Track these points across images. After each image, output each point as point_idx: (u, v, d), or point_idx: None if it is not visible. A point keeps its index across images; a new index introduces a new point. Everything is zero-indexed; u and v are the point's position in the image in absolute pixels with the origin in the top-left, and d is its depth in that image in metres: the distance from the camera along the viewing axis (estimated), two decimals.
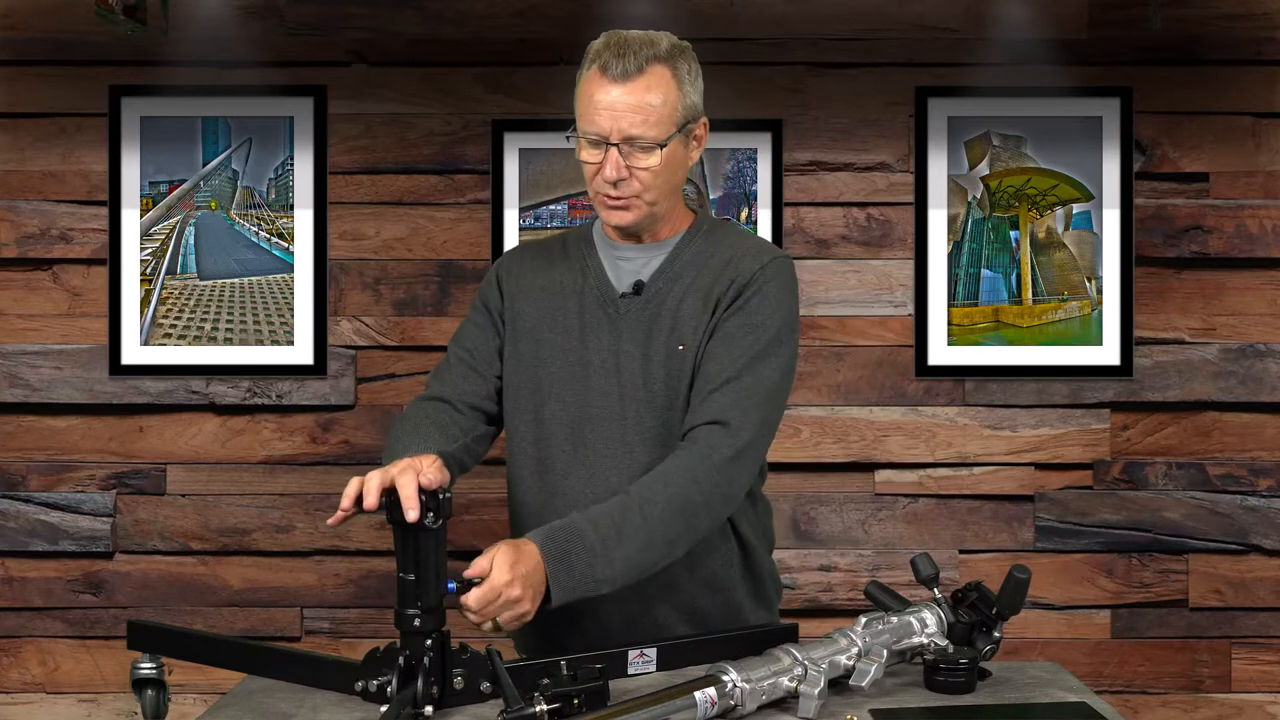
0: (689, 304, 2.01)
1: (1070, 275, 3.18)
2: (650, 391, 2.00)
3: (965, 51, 3.18)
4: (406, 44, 3.19)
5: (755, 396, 1.96)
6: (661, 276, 2.05)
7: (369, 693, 1.73)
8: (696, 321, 2.00)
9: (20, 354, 3.19)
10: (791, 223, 3.19)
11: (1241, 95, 3.17)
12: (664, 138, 1.95)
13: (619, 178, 1.95)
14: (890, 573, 3.13)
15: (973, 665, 1.83)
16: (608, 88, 1.94)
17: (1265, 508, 3.18)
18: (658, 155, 1.95)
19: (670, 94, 1.96)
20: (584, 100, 1.97)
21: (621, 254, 2.08)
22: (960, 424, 3.19)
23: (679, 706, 1.60)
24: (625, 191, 1.97)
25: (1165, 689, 3.18)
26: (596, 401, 2.01)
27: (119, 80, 3.16)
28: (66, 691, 3.19)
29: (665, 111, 1.95)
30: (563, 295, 2.07)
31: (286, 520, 3.19)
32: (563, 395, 2.03)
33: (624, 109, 1.93)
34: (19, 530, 3.18)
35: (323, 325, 3.17)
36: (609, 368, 2.02)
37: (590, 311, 2.05)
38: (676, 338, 2.00)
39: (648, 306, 2.03)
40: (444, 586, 1.72)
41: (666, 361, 2.00)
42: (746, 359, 1.96)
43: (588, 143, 1.97)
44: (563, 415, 2.03)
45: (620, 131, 1.94)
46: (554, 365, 2.04)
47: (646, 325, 2.02)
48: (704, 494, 1.90)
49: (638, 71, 1.94)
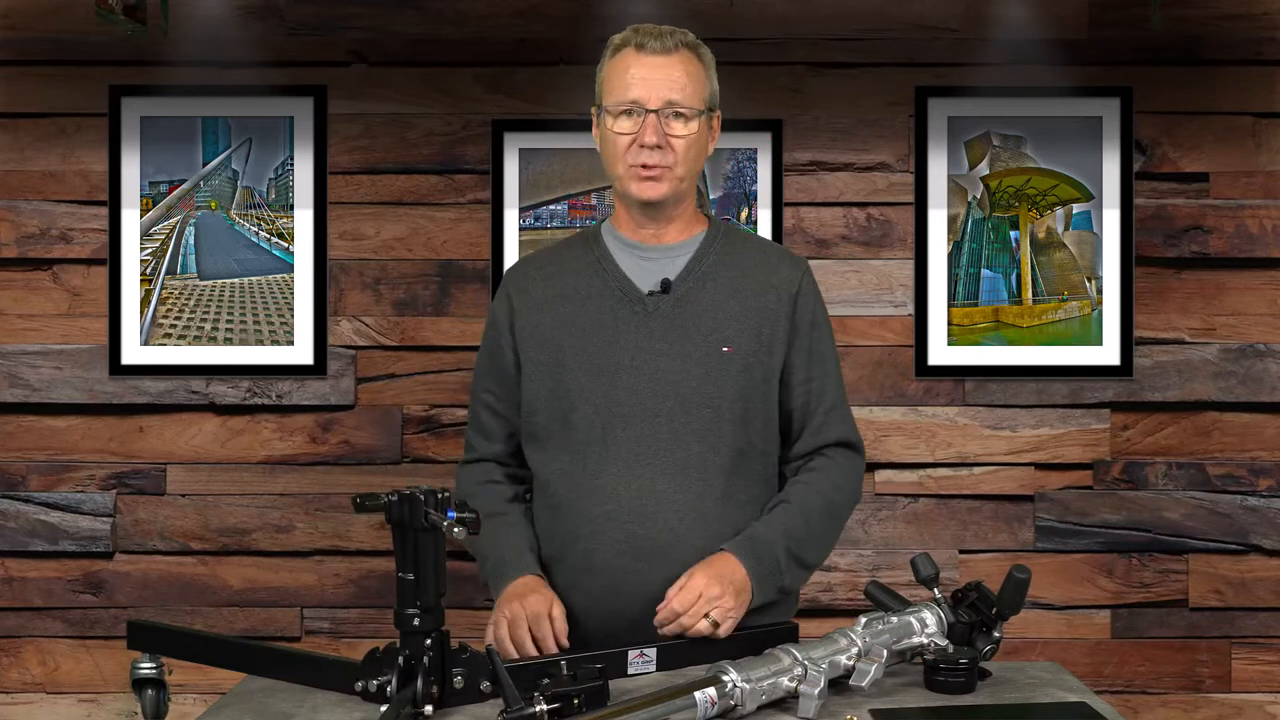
0: (729, 307, 2.05)
1: (1070, 275, 3.18)
2: (687, 389, 2.02)
3: (965, 51, 3.18)
4: (406, 44, 3.19)
5: (850, 410, 2.18)
6: (690, 275, 2.07)
7: (369, 693, 1.73)
8: (742, 327, 2.05)
9: (20, 354, 3.19)
10: (791, 223, 3.19)
11: (1241, 95, 3.17)
12: (700, 107, 2.03)
13: (657, 142, 2.00)
14: (890, 573, 3.13)
15: (973, 665, 1.83)
16: (645, 60, 2.01)
17: (1265, 508, 3.18)
18: (694, 124, 2.03)
19: (700, 75, 2.05)
20: (616, 75, 2.03)
21: (642, 252, 2.09)
22: (960, 424, 3.18)
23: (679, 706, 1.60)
24: (661, 161, 2.02)
25: (1165, 689, 3.18)
26: (626, 400, 2.02)
27: (119, 80, 3.16)
28: (66, 691, 3.19)
29: (696, 88, 2.04)
30: (580, 299, 2.08)
31: (286, 520, 3.19)
32: (591, 397, 2.03)
33: (662, 79, 2.01)
34: (19, 530, 3.18)
35: (323, 325, 3.17)
36: (638, 366, 2.03)
37: (614, 312, 2.06)
38: (718, 338, 2.04)
39: (679, 305, 2.05)
40: (444, 586, 1.72)
41: (706, 360, 2.03)
42: (837, 376, 2.16)
43: (622, 114, 2.02)
44: (593, 416, 2.03)
45: (660, 98, 2.00)
46: (579, 369, 2.04)
47: (680, 323, 2.04)
48: (848, 502, 2.14)
49: (675, 48, 2.04)
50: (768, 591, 2.00)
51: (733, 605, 1.94)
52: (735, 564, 1.96)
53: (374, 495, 1.72)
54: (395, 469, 3.18)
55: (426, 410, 3.18)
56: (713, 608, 1.92)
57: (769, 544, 2.00)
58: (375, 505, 1.71)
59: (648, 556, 1.99)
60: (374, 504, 1.71)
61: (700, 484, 2.02)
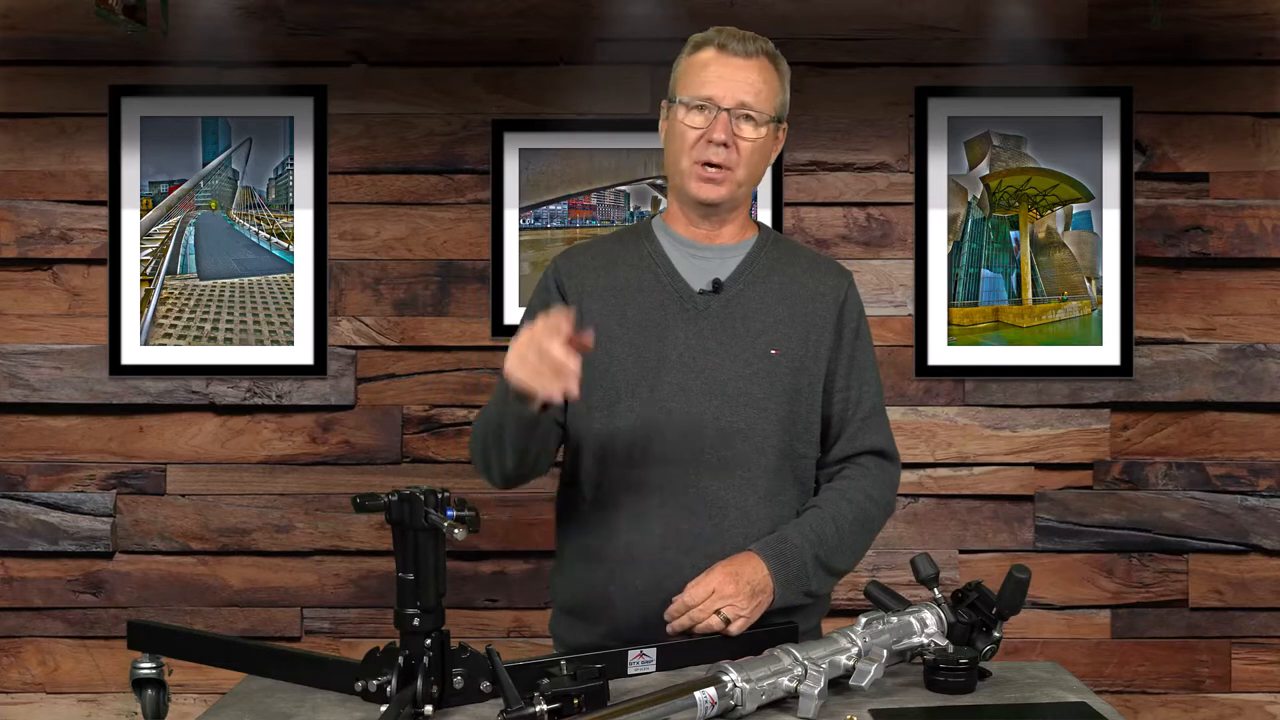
0: (778, 311, 2.07)
1: (1070, 275, 3.18)
2: (734, 388, 2.03)
3: (965, 51, 3.18)
4: (406, 44, 3.19)
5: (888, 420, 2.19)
6: (741, 277, 2.09)
7: (369, 693, 1.73)
8: (790, 332, 2.07)
9: (20, 354, 3.19)
10: (791, 223, 3.19)
11: (1241, 95, 3.17)
12: (771, 114, 2.06)
13: (725, 140, 2.02)
14: (890, 573, 3.13)
15: (973, 665, 1.83)
16: (726, 59, 2.04)
17: (1265, 508, 3.18)
18: (764, 130, 2.05)
19: (775, 84, 2.08)
20: (694, 71, 2.05)
21: (695, 251, 2.10)
22: (960, 424, 3.18)
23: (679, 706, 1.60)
24: (726, 161, 2.03)
25: (1165, 689, 3.18)
26: (673, 396, 2.02)
27: (119, 80, 3.16)
28: (66, 691, 3.19)
29: (770, 95, 2.07)
30: (631, 293, 2.08)
31: (286, 520, 3.19)
32: (637, 390, 2.03)
33: (741, 79, 2.03)
34: (19, 530, 3.18)
35: (323, 325, 3.17)
36: (686, 363, 2.03)
37: (665, 308, 2.06)
38: (766, 341, 2.05)
39: (729, 305, 2.06)
40: (444, 586, 1.72)
41: (754, 362, 2.04)
42: (876, 386, 2.16)
43: (695, 109, 2.03)
44: (638, 409, 2.03)
45: (735, 98, 2.02)
46: (627, 362, 2.04)
47: (729, 324, 2.05)
48: (880, 511, 2.13)
49: (758, 54, 2.07)
50: (791, 595, 1.99)
51: (746, 605, 1.93)
52: (758, 564, 1.96)
53: (374, 495, 1.72)
54: (395, 469, 3.18)
55: (426, 410, 3.18)
56: (725, 605, 1.92)
57: (798, 548, 2.00)
58: (375, 505, 1.71)
59: (689, 551, 1.99)
60: (374, 504, 1.71)
61: (744, 482, 2.03)
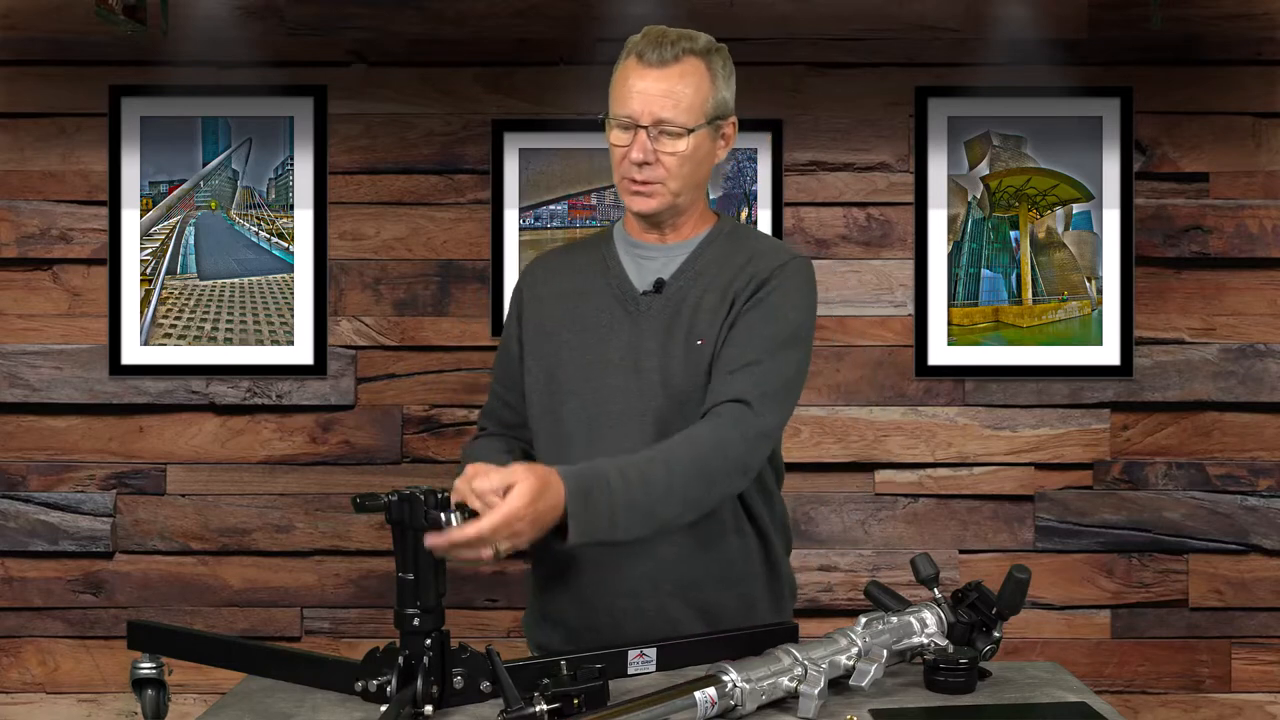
0: (708, 300, 2.03)
1: (1070, 275, 3.18)
2: (670, 387, 2.01)
3: (965, 51, 3.18)
4: (406, 44, 3.19)
5: (775, 382, 1.97)
6: (683, 275, 2.06)
7: (369, 693, 1.73)
8: (714, 316, 2.01)
9: (20, 354, 3.19)
10: (791, 223, 3.19)
11: (1241, 95, 3.17)
12: (692, 125, 1.99)
13: (644, 160, 1.99)
14: (890, 573, 3.13)
15: (973, 665, 1.83)
16: (643, 72, 1.99)
17: (1265, 508, 3.18)
18: (685, 142, 1.99)
19: (702, 85, 2.01)
20: (618, 85, 2.02)
21: (644, 252, 2.09)
22: (960, 424, 3.18)
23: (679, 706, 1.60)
24: (650, 176, 2.00)
25: (1165, 689, 3.18)
26: (615, 398, 2.02)
27: (119, 80, 3.16)
28: (66, 691, 3.19)
29: (696, 101, 2.00)
30: (581, 297, 2.09)
31: (286, 520, 3.19)
32: (580, 392, 2.04)
33: (656, 93, 1.98)
34: (19, 530, 3.18)
35: (323, 325, 3.17)
36: (628, 365, 2.03)
37: (611, 310, 2.06)
38: (695, 333, 2.02)
39: (668, 304, 2.05)
40: (444, 586, 1.72)
41: (685, 357, 2.02)
42: (767, 346, 1.97)
43: (618, 126, 2.01)
44: (581, 413, 2.03)
45: (650, 114, 1.98)
46: (571, 365, 2.05)
47: (666, 322, 2.04)
48: (727, 462, 1.92)
49: (674, 60, 1.99)
50: (585, 536, 1.80)
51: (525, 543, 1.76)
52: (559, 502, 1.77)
53: (374, 495, 1.72)
54: (395, 469, 3.18)
55: (426, 410, 3.18)
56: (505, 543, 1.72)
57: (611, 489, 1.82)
58: (375, 505, 1.71)
59: (627, 555, 1.99)
60: (374, 504, 1.71)
61: None
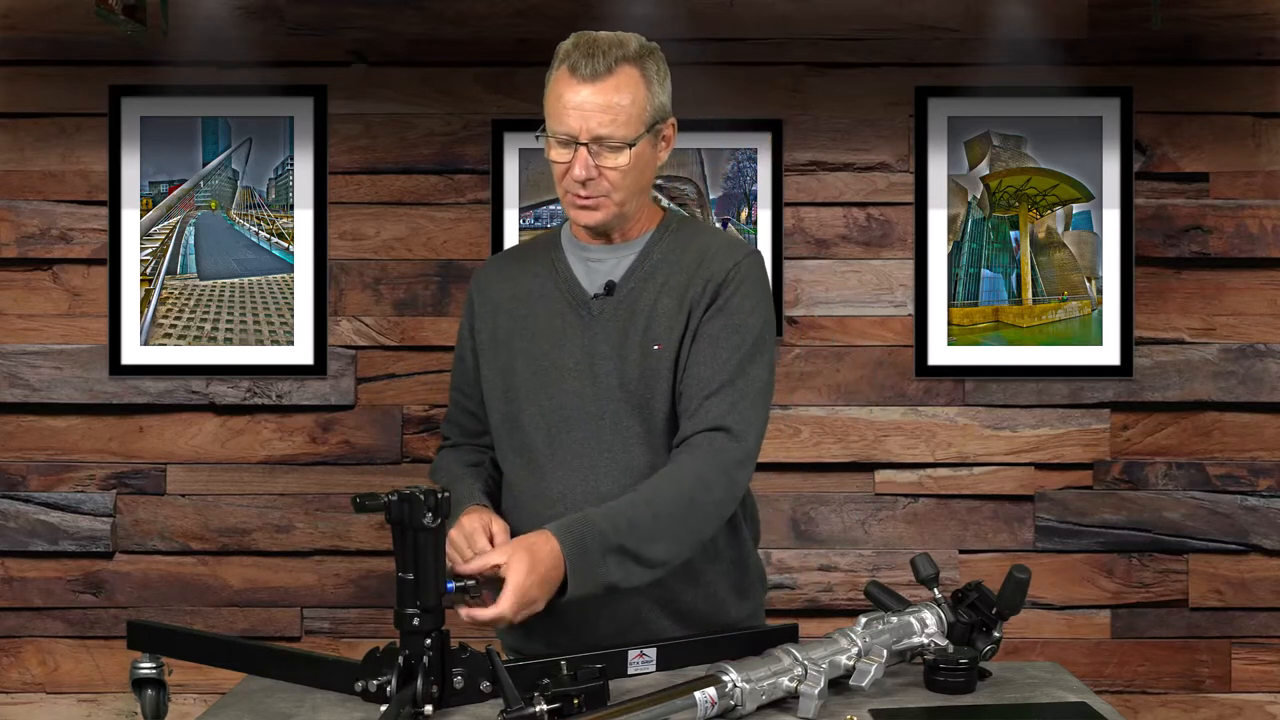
0: (664, 304, 2.01)
1: (1070, 275, 3.18)
2: (626, 391, 1.99)
3: (965, 51, 3.18)
4: (406, 44, 3.19)
5: (750, 398, 1.97)
6: (633, 276, 2.04)
7: (369, 693, 1.73)
8: (671, 321, 2.00)
9: (20, 354, 3.19)
10: (791, 223, 3.19)
11: (1241, 95, 3.17)
12: (633, 137, 1.96)
13: (588, 177, 1.96)
14: (890, 573, 3.13)
15: (973, 665, 1.83)
16: (577, 88, 1.95)
17: (1265, 508, 3.18)
18: (626, 155, 1.96)
19: (639, 94, 1.97)
20: (553, 100, 1.98)
21: (591, 255, 2.07)
22: (960, 424, 3.19)
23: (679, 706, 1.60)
24: (594, 191, 1.98)
25: (1165, 689, 3.18)
26: (571, 404, 2.01)
27: (119, 80, 3.16)
28: (66, 691, 3.19)
29: (634, 111, 1.96)
30: (533, 301, 2.08)
31: (286, 520, 3.19)
32: (537, 399, 2.02)
33: (593, 109, 1.94)
34: (19, 530, 3.18)
35: (323, 325, 3.17)
36: (582, 370, 2.01)
37: (562, 315, 2.04)
38: (651, 337, 2.00)
39: (621, 307, 2.02)
40: (443, 586, 1.72)
41: (642, 361, 1.99)
42: (736, 361, 1.97)
43: (557, 143, 1.97)
44: (539, 420, 2.02)
45: (589, 131, 1.94)
46: (525, 372, 2.04)
47: (621, 325, 2.01)
48: (713, 497, 1.93)
49: (607, 72, 1.95)
50: (585, 586, 1.83)
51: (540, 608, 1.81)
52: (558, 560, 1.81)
53: (374, 495, 1.72)
54: (395, 469, 3.18)
55: (426, 410, 3.18)
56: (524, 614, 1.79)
57: (601, 534, 1.83)
58: (375, 505, 1.71)
59: None
60: (374, 504, 1.71)
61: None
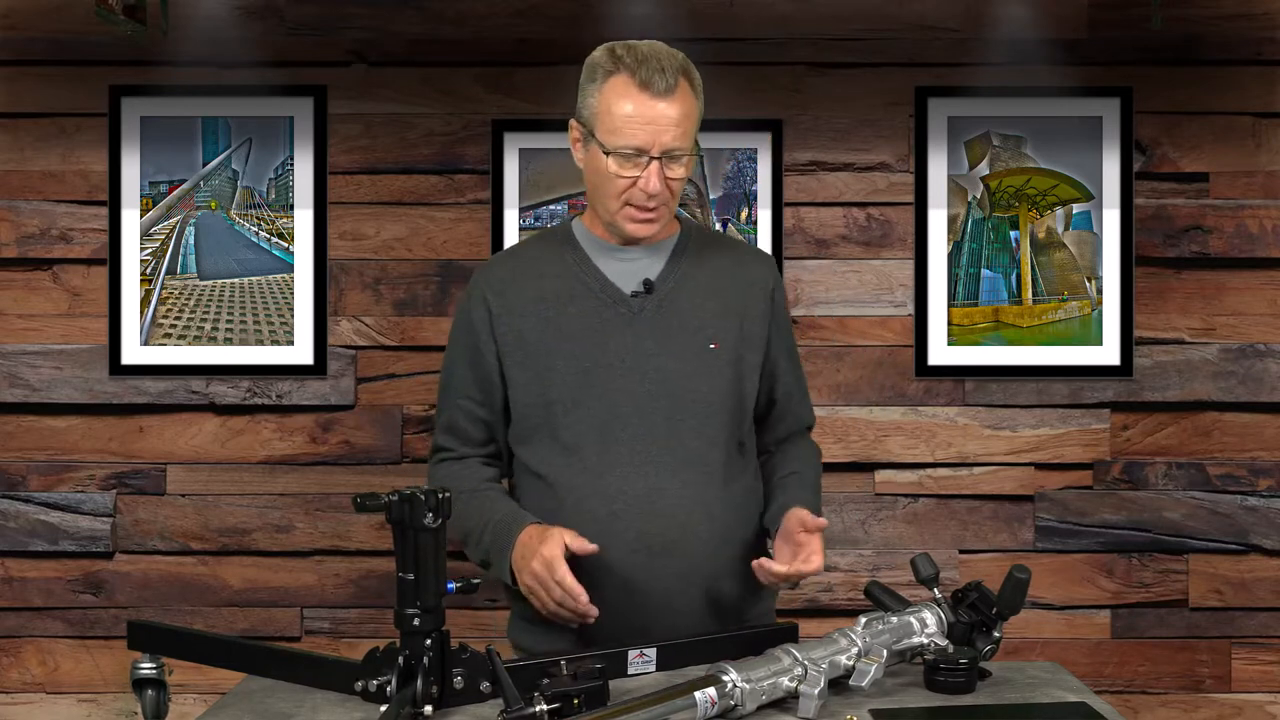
0: (711, 306, 2.08)
1: (1070, 275, 3.18)
2: (679, 386, 2.03)
3: (965, 51, 3.18)
4: (406, 44, 3.19)
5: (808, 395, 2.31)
6: (670, 276, 2.09)
7: (369, 693, 1.73)
8: (725, 324, 2.08)
9: (20, 354, 3.19)
10: (791, 223, 3.19)
11: (1241, 95, 3.17)
12: (693, 148, 2.02)
13: (662, 189, 1.99)
14: (890, 573, 3.13)
15: (973, 665, 1.83)
16: (650, 102, 1.96)
17: (1265, 508, 3.18)
18: (686, 164, 2.02)
19: (694, 104, 2.02)
20: (616, 114, 1.97)
21: (624, 255, 2.10)
22: (960, 424, 3.19)
23: (679, 706, 1.60)
24: (659, 203, 2.01)
25: (1165, 689, 3.18)
26: (623, 401, 2.03)
27: (119, 80, 3.16)
28: (66, 691, 3.19)
29: (692, 124, 2.02)
30: (562, 302, 2.07)
31: (286, 520, 3.19)
32: (585, 401, 2.03)
33: (666, 123, 1.97)
34: (19, 530, 3.18)
35: (323, 325, 3.17)
36: (630, 366, 2.04)
37: (601, 314, 2.06)
38: (704, 337, 2.06)
39: (663, 304, 2.07)
40: (444, 586, 1.72)
41: (696, 359, 2.05)
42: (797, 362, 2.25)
43: (621, 157, 1.98)
44: (589, 419, 2.03)
45: (663, 145, 1.97)
46: (567, 372, 2.04)
47: (666, 322, 2.05)
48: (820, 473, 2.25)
49: (676, 85, 1.97)
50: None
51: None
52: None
53: (374, 495, 1.72)
54: (395, 469, 3.18)
55: (426, 410, 3.18)
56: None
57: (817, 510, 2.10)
58: (375, 505, 1.71)
59: (660, 553, 2.01)
60: (374, 504, 1.72)
61: (702, 478, 2.04)
